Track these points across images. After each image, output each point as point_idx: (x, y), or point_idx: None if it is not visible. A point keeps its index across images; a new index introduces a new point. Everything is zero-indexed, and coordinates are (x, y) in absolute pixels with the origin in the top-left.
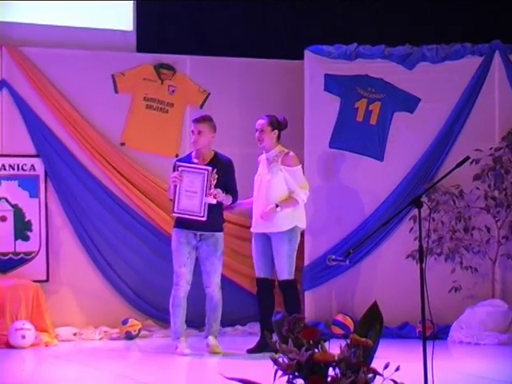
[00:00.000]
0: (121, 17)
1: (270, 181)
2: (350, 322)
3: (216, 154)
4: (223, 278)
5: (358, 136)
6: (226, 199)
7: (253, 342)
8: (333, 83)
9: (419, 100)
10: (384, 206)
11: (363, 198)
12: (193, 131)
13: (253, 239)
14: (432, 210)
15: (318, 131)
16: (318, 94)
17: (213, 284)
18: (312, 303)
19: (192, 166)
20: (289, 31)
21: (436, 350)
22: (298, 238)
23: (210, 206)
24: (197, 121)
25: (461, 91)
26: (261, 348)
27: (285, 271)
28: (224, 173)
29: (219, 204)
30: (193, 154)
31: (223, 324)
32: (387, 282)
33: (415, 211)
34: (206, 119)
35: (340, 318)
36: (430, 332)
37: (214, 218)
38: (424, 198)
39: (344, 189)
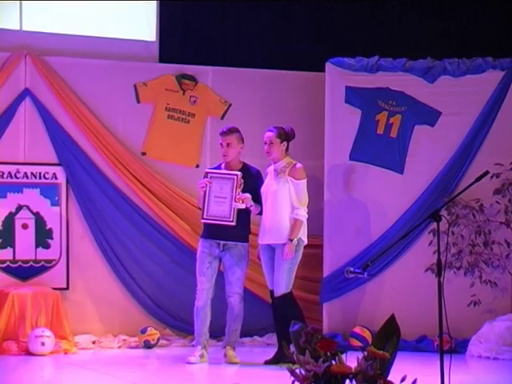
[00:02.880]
0: (144, 27)
1: (277, 191)
2: (368, 335)
3: (245, 165)
4: None
5: (379, 149)
6: (255, 207)
7: (270, 353)
8: (354, 95)
9: (440, 113)
10: (404, 218)
11: (383, 211)
12: (221, 144)
13: (260, 251)
14: (452, 223)
15: (339, 143)
16: (339, 106)
17: (234, 294)
18: (330, 315)
19: (221, 172)
20: (310, 43)
21: (454, 364)
22: (301, 249)
23: (238, 215)
24: (224, 133)
25: (482, 105)
26: (278, 359)
27: (283, 285)
28: (252, 183)
29: (247, 214)
30: (222, 166)
31: (241, 335)
32: (406, 294)
33: (435, 224)
34: (232, 131)
35: (358, 330)
36: (448, 346)
37: (240, 228)
38: (443, 212)
39: (364, 201)
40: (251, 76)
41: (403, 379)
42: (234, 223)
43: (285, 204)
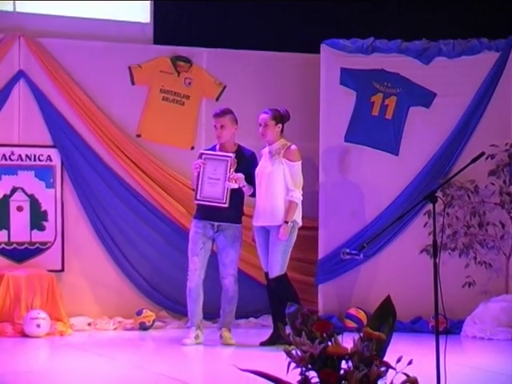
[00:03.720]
0: (138, 9)
1: (271, 173)
2: (363, 316)
3: (239, 147)
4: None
5: (374, 130)
6: (248, 188)
7: (266, 334)
8: (349, 77)
9: (435, 95)
10: (399, 200)
11: (378, 192)
12: (215, 126)
13: (255, 233)
14: (446, 205)
15: (334, 125)
16: (334, 87)
17: (229, 276)
18: (325, 297)
19: (215, 153)
20: (305, 25)
21: (449, 345)
22: (296, 231)
23: (232, 197)
24: (217, 115)
25: (477, 86)
26: (273, 341)
27: (277, 266)
28: (247, 165)
29: (241, 196)
30: (217, 147)
31: (236, 316)
32: (401, 276)
33: (429, 206)
34: (226, 112)
35: (353, 311)
36: (443, 327)
37: (233, 210)
38: (439, 193)
39: (359, 183)
40: (246, 58)
41: (399, 360)
42: (226, 205)
43: (279, 186)
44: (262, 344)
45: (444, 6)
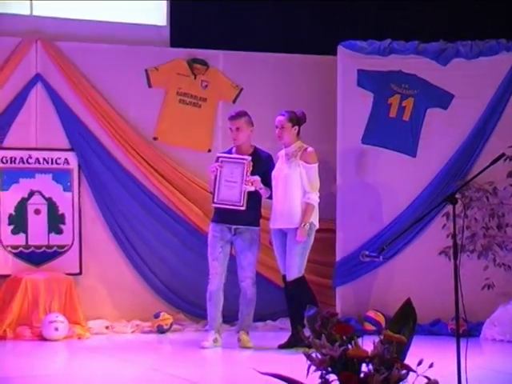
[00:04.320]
0: (155, 12)
1: (288, 176)
2: (381, 319)
3: (256, 149)
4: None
5: (391, 132)
6: (265, 190)
7: (284, 337)
8: (366, 79)
9: (453, 96)
10: (417, 202)
11: (396, 194)
12: (231, 128)
13: (272, 236)
14: (465, 206)
15: (351, 127)
16: (351, 89)
17: (247, 278)
18: (343, 299)
19: (232, 156)
20: (322, 26)
21: (468, 348)
22: (313, 236)
23: (249, 200)
24: (233, 118)
25: (495, 87)
26: (291, 344)
27: (295, 269)
28: (263, 167)
29: (258, 198)
30: (233, 150)
31: (254, 319)
32: (419, 278)
33: (448, 208)
34: (241, 115)
35: (372, 314)
36: (463, 329)
37: (251, 212)
38: (457, 195)
39: (377, 185)
40: (263, 60)
41: (420, 363)
42: (243, 207)
43: (296, 188)
44: (281, 347)
45: (461, 7)
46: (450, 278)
